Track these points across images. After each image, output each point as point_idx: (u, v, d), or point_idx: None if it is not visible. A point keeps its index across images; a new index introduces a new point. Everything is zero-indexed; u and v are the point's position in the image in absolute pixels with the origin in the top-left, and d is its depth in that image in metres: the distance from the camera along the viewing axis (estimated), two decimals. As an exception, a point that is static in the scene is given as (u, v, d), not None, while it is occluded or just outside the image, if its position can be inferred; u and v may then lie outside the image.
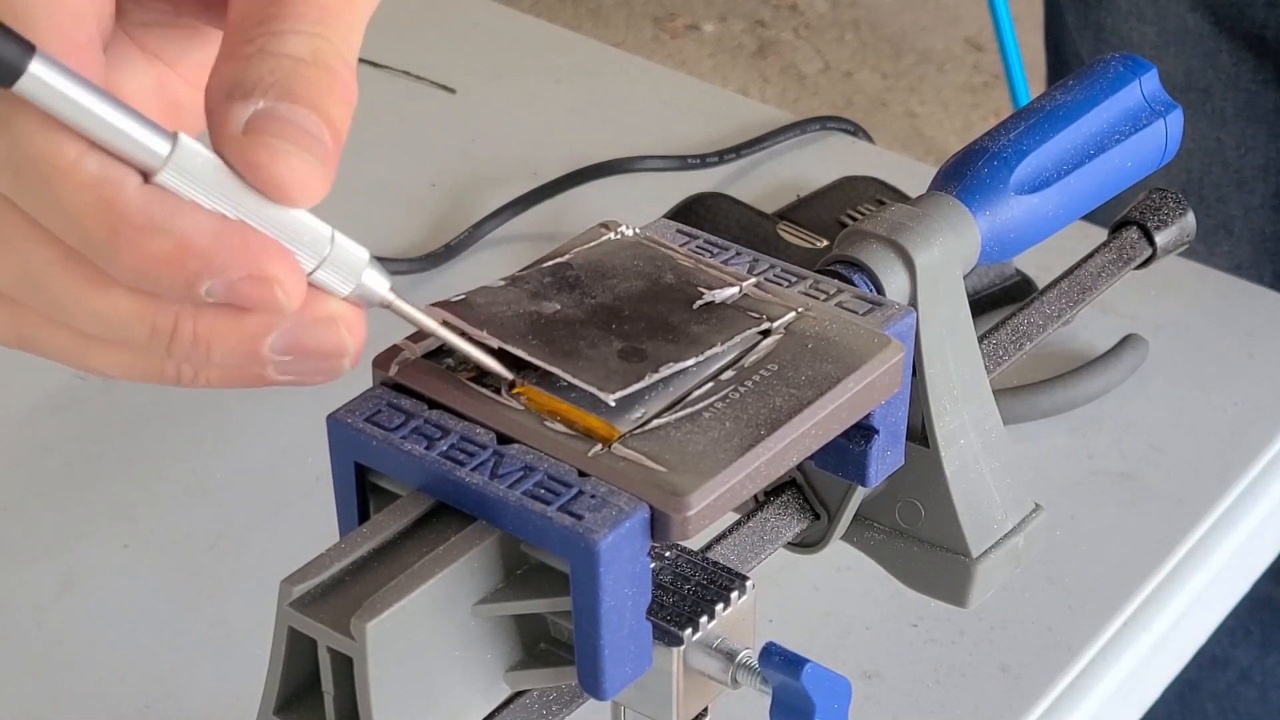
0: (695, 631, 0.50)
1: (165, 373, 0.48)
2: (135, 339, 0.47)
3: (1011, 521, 0.60)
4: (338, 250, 0.47)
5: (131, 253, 0.44)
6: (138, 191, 0.44)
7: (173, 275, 0.45)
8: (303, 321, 0.47)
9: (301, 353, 0.47)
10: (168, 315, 0.46)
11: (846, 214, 0.97)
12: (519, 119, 1.10)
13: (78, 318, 0.47)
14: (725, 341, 0.51)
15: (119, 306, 0.46)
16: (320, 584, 0.47)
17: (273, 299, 0.45)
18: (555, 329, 0.51)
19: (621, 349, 0.51)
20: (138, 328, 0.46)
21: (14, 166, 0.45)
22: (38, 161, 0.44)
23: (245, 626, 0.77)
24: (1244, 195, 1.11)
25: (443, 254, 0.98)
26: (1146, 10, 1.09)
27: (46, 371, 0.91)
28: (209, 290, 0.45)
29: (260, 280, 0.45)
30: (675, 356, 0.51)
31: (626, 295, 0.53)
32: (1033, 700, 0.75)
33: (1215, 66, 1.08)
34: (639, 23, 2.93)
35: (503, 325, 0.51)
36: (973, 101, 2.73)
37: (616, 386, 0.49)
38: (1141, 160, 0.64)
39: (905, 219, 0.58)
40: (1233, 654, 1.20)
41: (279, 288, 0.45)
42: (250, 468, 0.85)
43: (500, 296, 0.52)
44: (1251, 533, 0.84)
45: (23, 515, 0.83)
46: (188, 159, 0.45)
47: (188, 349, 0.47)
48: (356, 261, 0.47)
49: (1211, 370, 0.90)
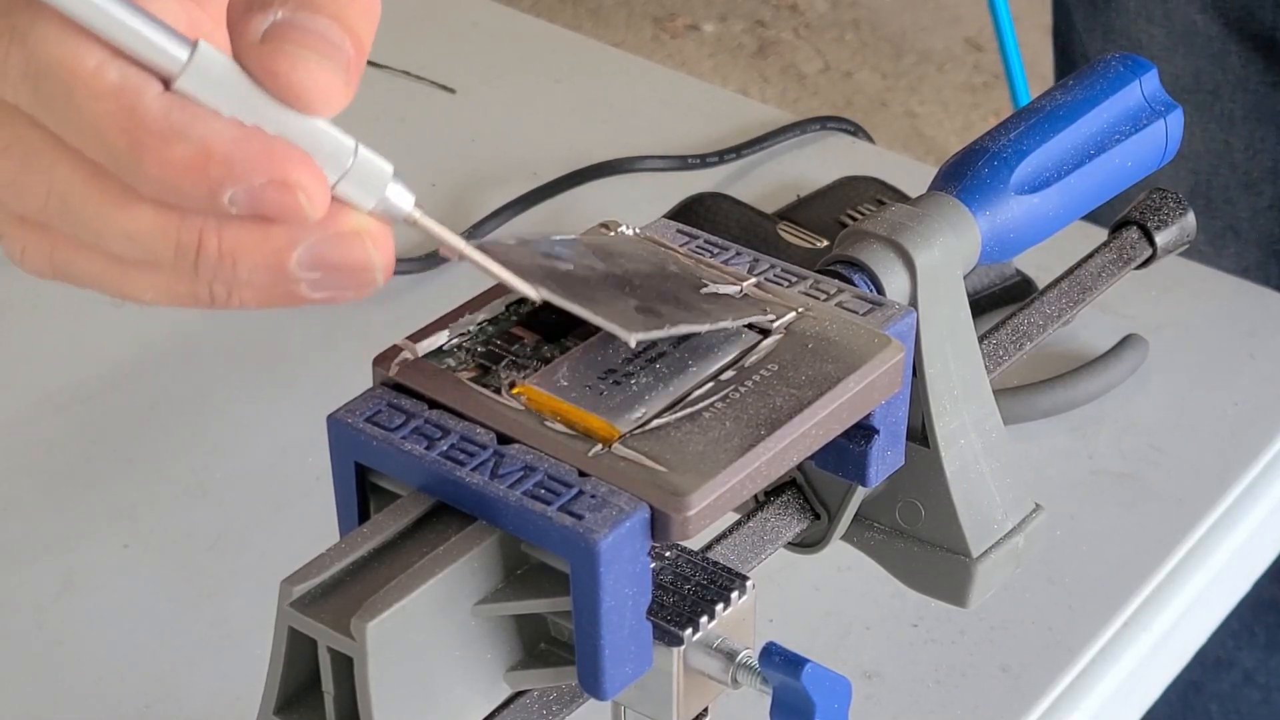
0: (695, 631, 0.50)
1: (199, 294, 0.47)
2: (162, 258, 0.46)
3: (1011, 521, 0.60)
4: (361, 162, 0.46)
5: (153, 161, 0.44)
6: (158, 99, 0.44)
7: (195, 183, 0.44)
8: (327, 236, 0.46)
9: (328, 268, 0.46)
10: (192, 231, 0.46)
11: (846, 214, 0.97)
12: (519, 119, 1.10)
13: (106, 238, 0.47)
14: (736, 319, 0.51)
15: (144, 223, 0.46)
16: (320, 584, 0.47)
17: (296, 205, 0.45)
18: (571, 280, 0.51)
19: (637, 305, 0.51)
20: (163, 245, 0.46)
21: (34, 78, 0.45)
22: (58, 71, 0.44)
23: (245, 626, 0.77)
24: (1252, 197, 1.11)
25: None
26: (1155, 11, 1.09)
27: (46, 371, 0.91)
28: (232, 198, 0.45)
29: (283, 186, 0.45)
30: (689, 320, 0.50)
31: (636, 272, 0.53)
32: (1033, 700, 0.75)
33: (1224, 68, 1.08)
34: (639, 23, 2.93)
35: (519, 269, 0.50)
36: (973, 101, 2.73)
37: (639, 329, 0.49)
38: (1141, 160, 0.64)
39: (905, 219, 0.58)
40: (1237, 656, 1.20)
41: (302, 194, 0.45)
42: (250, 468, 0.85)
43: (514, 250, 0.51)
44: (1251, 533, 0.84)
45: (23, 515, 0.83)
46: (208, 65, 0.44)
47: (214, 265, 0.46)
48: (381, 175, 0.47)
49: (1211, 370, 0.90)
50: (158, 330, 0.94)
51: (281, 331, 0.93)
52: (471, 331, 0.53)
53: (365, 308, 0.95)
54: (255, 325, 0.94)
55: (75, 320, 0.94)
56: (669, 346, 0.52)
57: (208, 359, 0.92)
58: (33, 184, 0.47)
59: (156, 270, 0.47)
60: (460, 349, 0.52)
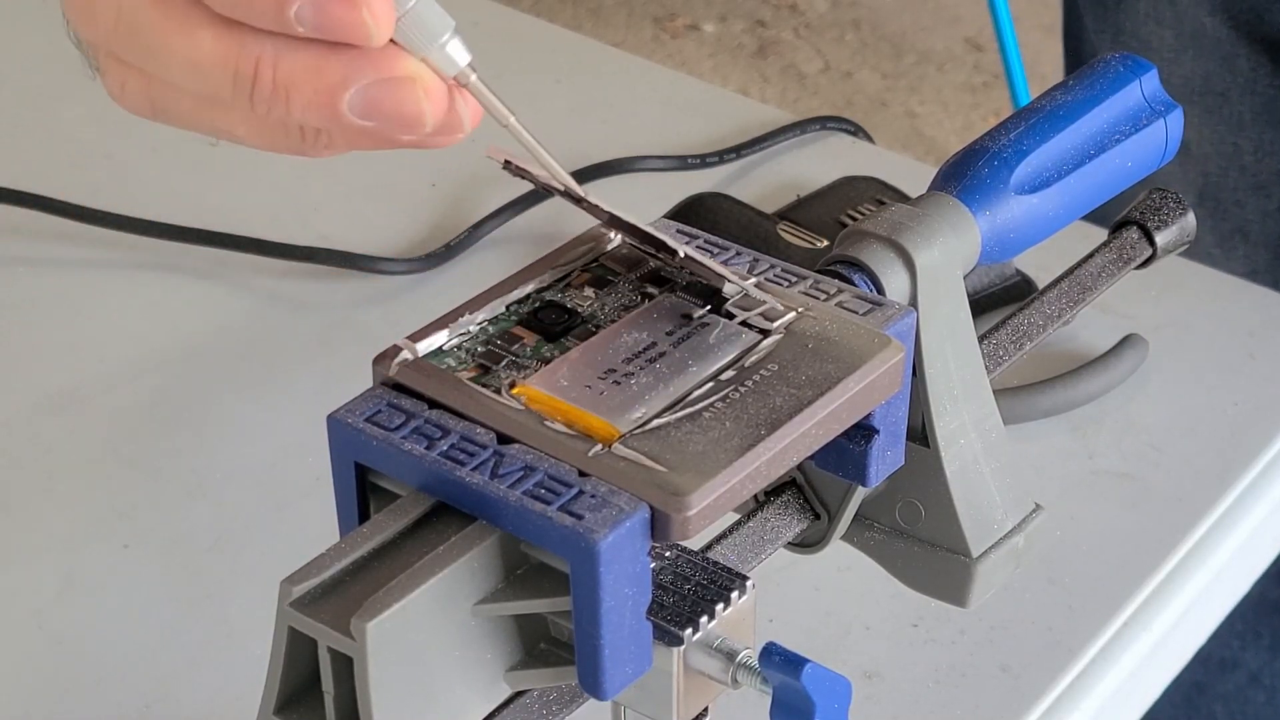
0: (695, 631, 0.50)
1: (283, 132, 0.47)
2: (222, 90, 0.47)
3: (1011, 521, 0.60)
4: (423, 7, 0.46)
5: None
6: None
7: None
8: (380, 78, 0.46)
9: (380, 114, 0.47)
10: (249, 60, 0.46)
11: (846, 214, 0.97)
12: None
13: (172, 69, 0.47)
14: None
15: (205, 50, 0.46)
16: (320, 584, 0.47)
17: (360, 21, 0.45)
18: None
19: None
20: (223, 75, 0.46)
21: None
22: None
23: (245, 626, 0.77)
24: (1261, 200, 1.11)
25: (443, 254, 0.98)
26: (1165, 13, 1.09)
27: (46, 371, 0.91)
28: (299, 14, 0.45)
29: (350, 2, 0.45)
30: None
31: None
32: (1033, 700, 0.75)
33: (1233, 70, 1.08)
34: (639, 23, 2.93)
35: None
36: (973, 101, 2.73)
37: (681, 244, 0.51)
38: (1142, 160, 0.64)
39: (905, 219, 0.58)
40: (1242, 656, 1.20)
41: (367, 9, 0.45)
42: (250, 468, 0.85)
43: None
44: (1251, 533, 0.84)
45: (23, 515, 0.83)
46: None
47: (268, 97, 0.46)
48: (442, 24, 0.47)
49: (1211, 370, 0.90)
50: (158, 330, 0.94)
51: (281, 331, 0.93)
52: (471, 331, 0.53)
53: (365, 308, 0.95)
54: (255, 325, 0.94)
55: (75, 320, 0.94)
56: (669, 346, 0.52)
57: (208, 359, 0.92)
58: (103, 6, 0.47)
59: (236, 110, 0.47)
60: (460, 349, 0.52)
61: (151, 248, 0.97)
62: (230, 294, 0.95)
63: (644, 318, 0.53)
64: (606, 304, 0.54)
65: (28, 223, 0.98)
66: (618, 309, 0.54)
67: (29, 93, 1.10)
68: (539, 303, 0.54)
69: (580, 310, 0.54)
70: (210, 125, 0.49)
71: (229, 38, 0.46)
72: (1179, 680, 0.82)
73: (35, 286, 0.96)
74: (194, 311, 0.95)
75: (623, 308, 0.54)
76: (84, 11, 0.48)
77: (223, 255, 0.96)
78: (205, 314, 0.95)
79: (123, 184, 1.02)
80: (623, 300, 0.54)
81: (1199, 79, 1.09)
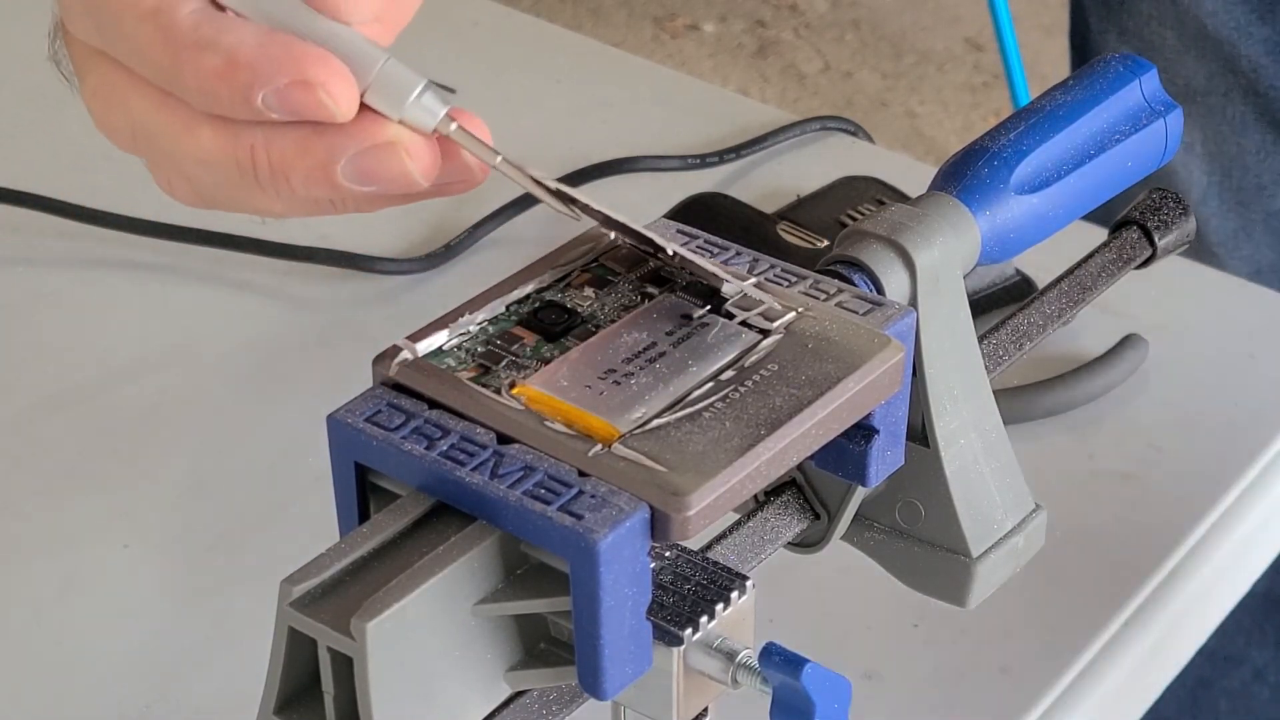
0: (695, 631, 0.50)
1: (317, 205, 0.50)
2: (231, 177, 0.50)
3: (1011, 521, 0.60)
4: (389, 72, 0.48)
5: (191, 72, 0.48)
6: (189, 16, 0.48)
7: (229, 89, 0.48)
8: (364, 148, 0.48)
9: (374, 180, 0.49)
10: (245, 148, 0.49)
11: (846, 214, 0.97)
12: (519, 119, 1.10)
13: (187, 166, 0.51)
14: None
15: (207, 145, 0.50)
16: (320, 584, 0.47)
17: (318, 102, 0.47)
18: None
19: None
20: (229, 165, 0.50)
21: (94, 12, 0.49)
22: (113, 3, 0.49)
23: (245, 626, 0.77)
24: (1265, 199, 1.12)
25: (443, 254, 0.98)
26: (1167, 14, 1.09)
27: (46, 371, 0.91)
28: (264, 101, 0.47)
29: (305, 85, 0.47)
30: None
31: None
32: (1033, 700, 0.75)
33: (1235, 71, 1.08)
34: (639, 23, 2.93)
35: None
36: (973, 101, 2.73)
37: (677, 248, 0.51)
38: (1142, 160, 0.64)
39: (905, 219, 0.58)
40: (1247, 653, 1.20)
41: (323, 91, 0.47)
42: (250, 468, 0.85)
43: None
44: (1251, 533, 0.84)
45: (23, 515, 0.83)
46: None
47: (270, 179, 0.49)
48: (408, 85, 0.48)
49: (1211, 370, 0.90)
50: (158, 330, 0.94)
51: (281, 331, 0.93)
52: (471, 331, 0.53)
53: (365, 308, 0.95)
54: (255, 325, 0.94)
55: (75, 320, 0.94)
56: (669, 346, 0.52)
57: (208, 359, 0.92)
58: (117, 119, 0.51)
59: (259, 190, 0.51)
60: (460, 349, 0.52)
61: (151, 248, 0.97)
62: (230, 294, 0.95)
63: (644, 318, 0.53)
64: (606, 304, 0.54)
65: (28, 223, 0.98)
66: (618, 309, 0.54)
67: (29, 93, 1.10)
68: (539, 303, 0.54)
69: (580, 310, 0.54)
70: (250, 206, 0.52)
71: (225, 131, 0.49)
72: (1184, 675, 0.82)
73: (35, 286, 0.96)
74: (194, 311, 0.95)
75: (623, 308, 0.54)
76: (107, 127, 0.52)
77: (223, 255, 0.96)
78: (205, 314, 0.95)
79: (123, 184, 1.01)
80: (623, 300, 0.54)
81: (1202, 79, 1.09)
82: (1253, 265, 1.12)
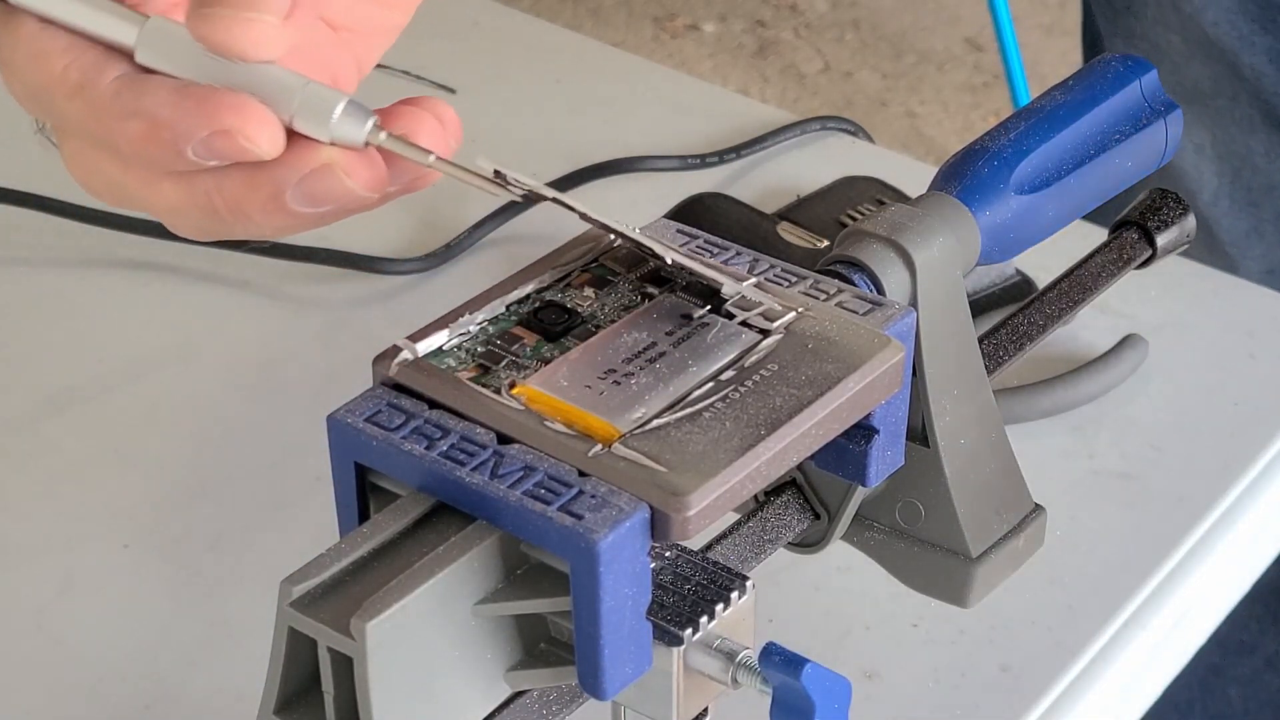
0: (695, 631, 0.50)
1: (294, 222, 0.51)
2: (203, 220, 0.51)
3: (1011, 521, 0.60)
4: (308, 97, 0.49)
5: (122, 139, 0.49)
6: (110, 85, 0.49)
7: (159, 148, 0.49)
8: (304, 175, 0.49)
9: (320, 201, 0.50)
10: (201, 195, 0.50)
11: (846, 214, 0.97)
12: (519, 119, 1.10)
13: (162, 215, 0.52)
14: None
15: (171, 197, 0.51)
16: (320, 584, 0.47)
17: (239, 147, 0.49)
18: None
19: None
20: (193, 211, 0.51)
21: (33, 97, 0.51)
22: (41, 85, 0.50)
23: (245, 626, 0.77)
24: (1274, 200, 1.12)
25: (443, 254, 0.98)
26: (1171, 18, 1.09)
27: (46, 371, 0.91)
28: (194, 153, 0.49)
29: (224, 134, 0.48)
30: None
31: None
32: (1033, 700, 0.75)
33: (1240, 75, 1.08)
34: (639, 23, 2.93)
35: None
36: (973, 101, 2.73)
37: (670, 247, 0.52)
38: (1141, 160, 0.64)
39: (905, 219, 0.58)
40: (1259, 640, 1.20)
41: (241, 136, 0.48)
42: (250, 468, 0.85)
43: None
44: (1251, 533, 0.84)
45: (23, 515, 0.83)
46: (158, 37, 0.50)
47: (232, 219, 0.51)
48: (327, 105, 0.49)
49: (1211, 370, 0.90)
50: (158, 330, 0.94)
51: (281, 331, 0.93)
52: (471, 331, 0.53)
53: (365, 308, 0.95)
54: (255, 325, 0.94)
55: (75, 320, 0.94)
56: (669, 346, 0.52)
57: (208, 359, 0.92)
58: (95, 183, 0.53)
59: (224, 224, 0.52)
60: (460, 349, 0.52)
61: (151, 248, 0.97)
62: (230, 294, 0.95)
63: (644, 318, 0.53)
64: (606, 304, 0.54)
65: (28, 223, 0.98)
66: (618, 309, 0.54)
67: (29, 93, 1.10)
68: (539, 303, 0.54)
69: (580, 310, 0.54)
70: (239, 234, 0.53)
71: (181, 183, 0.51)
72: (1195, 662, 0.82)
73: (35, 286, 0.96)
74: (194, 311, 0.95)
75: (623, 308, 0.54)
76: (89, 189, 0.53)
77: (223, 255, 0.96)
78: (205, 314, 0.95)
79: (123, 184, 1.01)
80: (623, 300, 0.54)
81: (1208, 82, 1.09)
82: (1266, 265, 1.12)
